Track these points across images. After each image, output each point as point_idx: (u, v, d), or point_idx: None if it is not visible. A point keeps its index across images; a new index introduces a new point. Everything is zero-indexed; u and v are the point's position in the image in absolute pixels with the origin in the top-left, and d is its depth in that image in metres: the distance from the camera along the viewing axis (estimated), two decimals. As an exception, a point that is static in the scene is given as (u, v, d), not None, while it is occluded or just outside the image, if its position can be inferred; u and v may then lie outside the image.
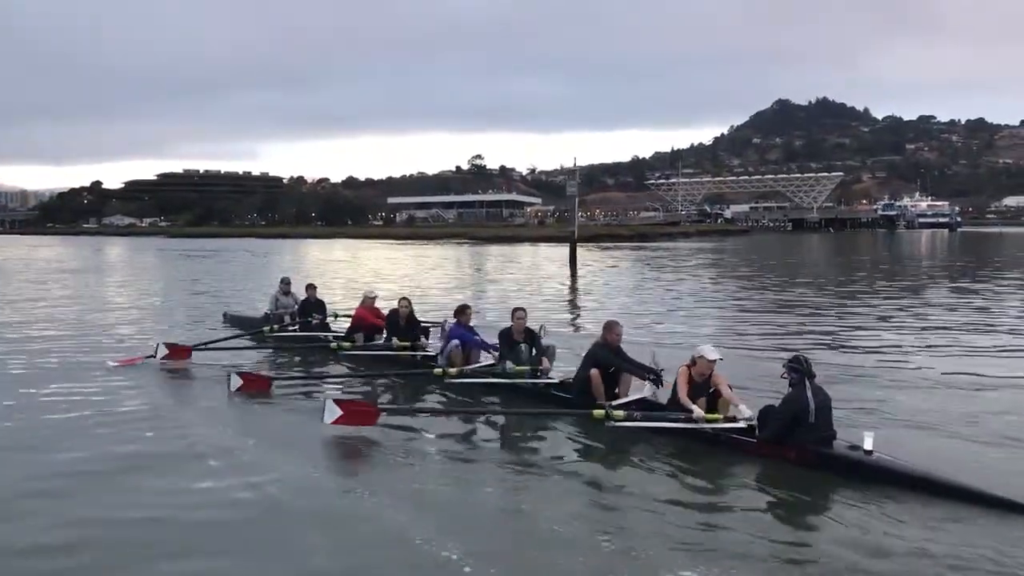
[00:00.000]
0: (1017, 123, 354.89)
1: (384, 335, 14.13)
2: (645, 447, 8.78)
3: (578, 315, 22.85)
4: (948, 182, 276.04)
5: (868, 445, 7.68)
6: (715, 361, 9.10)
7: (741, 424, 8.66)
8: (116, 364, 13.40)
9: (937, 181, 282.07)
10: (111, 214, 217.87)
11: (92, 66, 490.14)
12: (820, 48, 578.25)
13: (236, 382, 11.16)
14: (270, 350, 15.30)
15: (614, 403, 9.46)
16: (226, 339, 15.43)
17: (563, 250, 68.86)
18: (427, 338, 14.03)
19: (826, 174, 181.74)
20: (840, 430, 8.19)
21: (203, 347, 14.29)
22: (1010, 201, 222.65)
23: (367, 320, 14.60)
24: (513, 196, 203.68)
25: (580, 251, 67.50)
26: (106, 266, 52.21)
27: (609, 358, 10.24)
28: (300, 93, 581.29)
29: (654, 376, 9.96)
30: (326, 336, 15.56)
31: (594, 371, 10.09)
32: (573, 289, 31.90)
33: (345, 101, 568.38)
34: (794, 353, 8.83)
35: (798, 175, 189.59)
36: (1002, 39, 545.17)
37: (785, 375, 8.31)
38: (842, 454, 7.95)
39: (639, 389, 10.05)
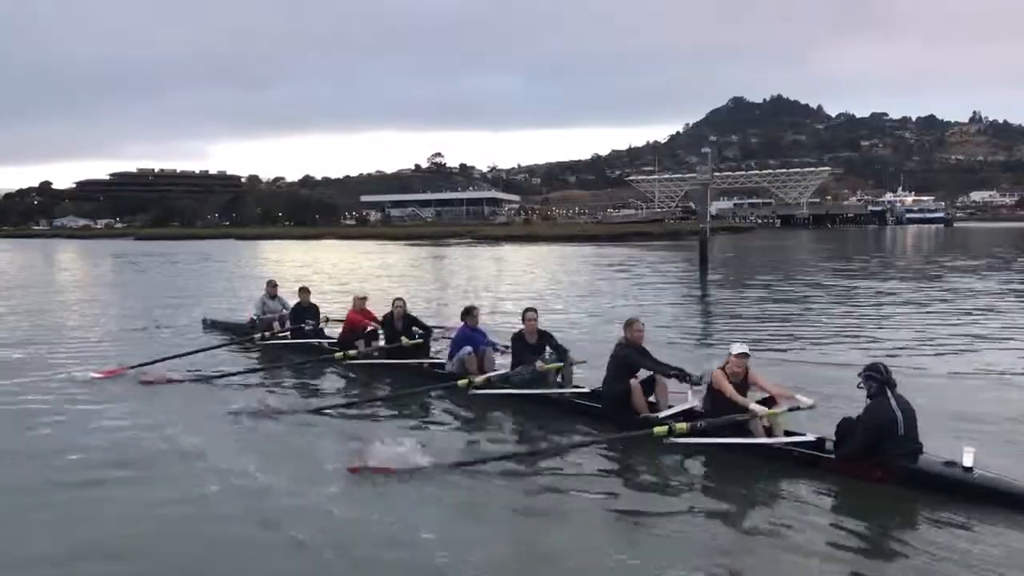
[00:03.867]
0: (966, 120, 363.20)
1: (381, 338, 13.55)
2: (703, 467, 8.13)
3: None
4: (904, 179, 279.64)
5: (968, 461, 6.97)
6: (744, 356, 8.61)
7: (811, 438, 8.03)
8: (98, 376, 12.47)
9: (893, 177, 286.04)
10: (62, 215, 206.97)
11: (33, 65, 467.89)
12: (773, 45, 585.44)
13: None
14: (261, 359, 14.40)
15: (663, 414, 8.96)
16: (212, 348, 14.78)
17: (601, 250, 64.87)
18: (429, 336, 13.31)
19: (812, 169, 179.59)
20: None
21: (182, 356, 13.61)
22: (976, 196, 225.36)
23: (358, 323, 13.88)
24: (493, 193, 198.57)
25: (615, 251, 63.77)
26: (75, 271, 47.13)
27: (635, 358, 9.61)
28: (249, 92, 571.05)
29: (685, 375, 9.36)
30: (320, 343, 14.76)
31: (634, 382, 9.44)
32: (704, 298, 27.33)
33: (296, 100, 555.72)
34: (871, 361, 7.95)
35: (784, 170, 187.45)
36: (950, 37, 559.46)
37: (862, 385, 7.63)
38: (938, 472, 7.17)
39: (680, 399, 9.37)
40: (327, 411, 10.48)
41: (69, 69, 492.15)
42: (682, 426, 8.20)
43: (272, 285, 16.80)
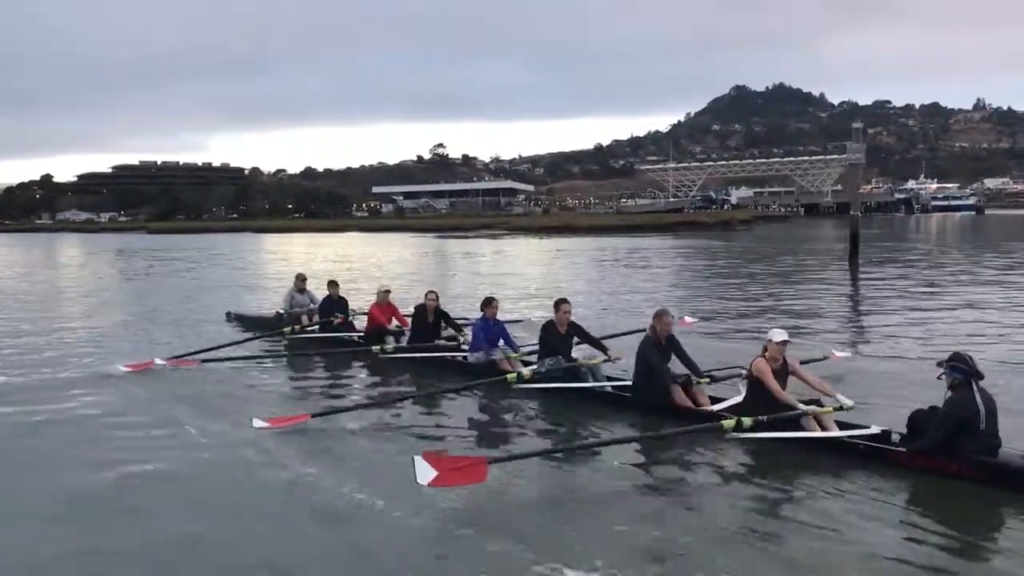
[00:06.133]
0: (970, 107, 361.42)
1: (407, 334, 13.70)
2: (765, 461, 7.80)
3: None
4: (910, 166, 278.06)
5: None
6: (784, 343, 8.53)
7: (875, 430, 7.81)
8: (127, 369, 12.30)
9: (899, 165, 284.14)
10: (65, 209, 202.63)
11: (31, 58, 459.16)
12: (775, 33, 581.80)
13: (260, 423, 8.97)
14: (291, 352, 14.37)
15: (717, 407, 9.09)
16: (241, 342, 14.79)
17: (665, 241, 61.89)
18: (460, 333, 13.21)
19: (836, 156, 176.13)
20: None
21: (212, 350, 13.65)
22: (989, 183, 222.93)
23: (382, 318, 13.92)
24: (509, 183, 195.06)
25: (682, 242, 60.98)
26: (98, 269, 44.61)
27: (651, 354, 9.64)
28: (248, 84, 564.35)
29: (706, 377, 9.63)
30: (350, 336, 14.68)
31: (676, 387, 9.49)
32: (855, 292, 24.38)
33: (295, 92, 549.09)
34: (954, 351, 7.62)
35: (806, 158, 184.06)
36: (952, 24, 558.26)
37: (943, 375, 7.36)
38: (1019, 466, 6.91)
39: (730, 392, 9.50)
40: (369, 407, 10.43)
41: (68, 61, 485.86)
42: (748, 420, 7.99)
43: (301, 279, 16.57)
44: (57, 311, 22.04)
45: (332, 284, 15.67)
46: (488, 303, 12.25)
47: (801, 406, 8.09)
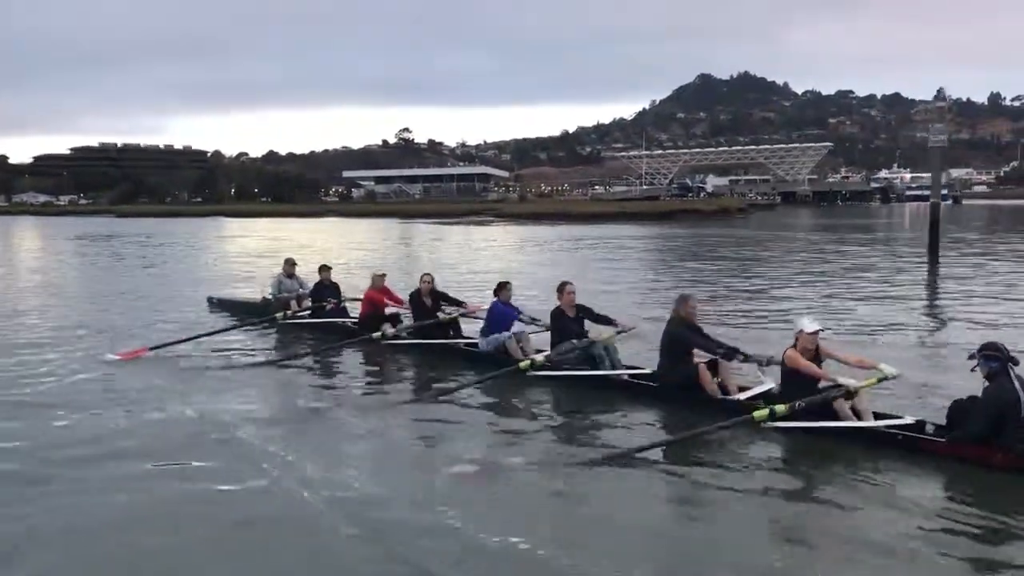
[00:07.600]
0: (931, 98, 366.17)
1: (402, 319, 13.50)
2: (803, 454, 7.67)
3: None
4: (874, 155, 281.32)
5: None
6: (816, 333, 8.25)
7: (910, 420, 7.70)
8: (118, 358, 12.01)
9: (863, 154, 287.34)
10: (22, 191, 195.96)
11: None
12: (740, 22, 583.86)
13: None
14: (284, 339, 14.01)
15: (742, 396, 8.77)
16: (233, 328, 14.37)
17: (675, 231, 60.38)
18: (462, 305, 13.10)
19: (812, 144, 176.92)
20: None
21: (205, 336, 13.48)
22: (955, 173, 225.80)
23: (379, 302, 13.62)
24: (484, 169, 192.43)
25: (696, 231, 59.69)
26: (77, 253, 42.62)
27: (689, 336, 9.30)
28: (209, 66, 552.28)
29: (748, 355, 9.09)
30: (343, 322, 14.41)
31: (701, 365, 9.04)
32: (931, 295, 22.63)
33: (257, 74, 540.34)
34: (988, 340, 7.48)
35: (782, 146, 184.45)
36: (914, 15, 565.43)
37: (977, 366, 7.23)
38: None
39: (755, 381, 9.12)
40: (372, 399, 10.31)
41: (23, 39, 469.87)
42: (782, 408, 7.76)
43: (290, 263, 16.22)
44: (39, 298, 21.00)
45: (324, 268, 15.36)
46: (502, 287, 11.97)
47: (841, 379, 7.89)
